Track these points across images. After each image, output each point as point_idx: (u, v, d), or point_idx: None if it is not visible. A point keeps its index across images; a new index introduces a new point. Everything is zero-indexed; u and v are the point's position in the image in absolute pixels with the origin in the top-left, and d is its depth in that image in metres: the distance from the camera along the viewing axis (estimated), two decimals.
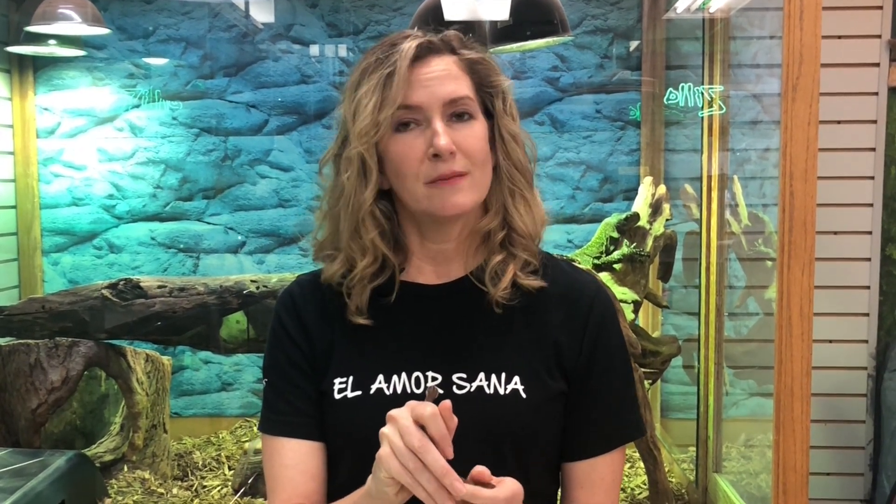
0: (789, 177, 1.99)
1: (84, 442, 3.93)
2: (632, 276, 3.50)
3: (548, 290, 1.33)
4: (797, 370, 2.02)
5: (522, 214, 1.33)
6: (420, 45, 1.27)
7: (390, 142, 1.27)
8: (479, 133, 1.29)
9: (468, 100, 1.28)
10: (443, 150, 1.23)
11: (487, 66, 1.32)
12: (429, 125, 1.25)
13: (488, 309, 1.31)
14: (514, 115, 1.35)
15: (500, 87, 1.33)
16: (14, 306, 3.52)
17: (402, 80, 1.24)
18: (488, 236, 1.33)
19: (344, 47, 4.43)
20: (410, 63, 1.25)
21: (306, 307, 1.35)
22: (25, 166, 4.41)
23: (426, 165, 1.25)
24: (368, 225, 1.29)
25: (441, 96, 1.25)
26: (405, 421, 1.07)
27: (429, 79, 1.26)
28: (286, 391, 1.33)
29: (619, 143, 4.39)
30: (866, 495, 3.36)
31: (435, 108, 1.25)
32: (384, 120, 1.24)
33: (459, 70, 1.29)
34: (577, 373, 1.32)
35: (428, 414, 1.06)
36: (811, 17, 1.95)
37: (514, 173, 1.33)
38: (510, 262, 1.32)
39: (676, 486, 3.76)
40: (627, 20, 4.35)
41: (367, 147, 1.26)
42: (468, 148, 1.26)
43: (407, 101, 1.25)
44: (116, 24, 4.34)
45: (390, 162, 1.28)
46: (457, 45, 1.32)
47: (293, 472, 1.31)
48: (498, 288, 1.30)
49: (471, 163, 1.27)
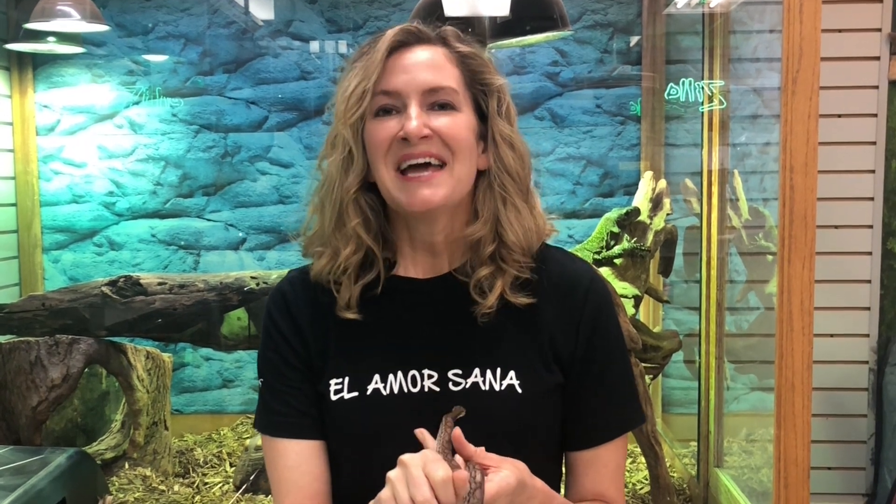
0: (790, 171, 1.99)
1: (85, 439, 3.93)
2: (632, 271, 3.49)
3: (542, 282, 1.31)
4: (798, 364, 2.02)
5: (514, 225, 1.28)
6: (405, 30, 1.26)
7: (370, 125, 1.25)
8: (461, 122, 1.25)
9: (451, 90, 1.25)
10: (411, 133, 1.21)
11: (480, 62, 1.29)
12: (405, 110, 1.23)
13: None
14: (510, 117, 1.31)
15: (494, 85, 1.29)
16: (14, 304, 3.52)
17: (379, 62, 1.22)
18: (478, 244, 1.29)
19: (343, 43, 4.42)
20: (394, 48, 1.24)
21: (298, 306, 1.34)
22: (25, 164, 4.41)
23: (395, 148, 1.23)
24: (351, 212, 1.27)
25: (420, 83, 1.23)
26: (416, 471, 1.03)
27: (410, 65, 1.24)
28: (283, 391, 1.31)
29: (620, 138, 4.38)
30: (868, 490, 3.36)
31: (412, 94, 1.23)
32: (362, 99, 1.23)
33: (447, 61, 1.27)
34: (574, 364, 1.31)
35: (440, 479, 1.02)
36: (811, 10, 1.95)
37: (506, 179, 1.29)
38: (498, 277, 1.28)
39: (678, 481, 3.76)
40: (627, 15, 4.34)
41: (346, 127, 1.24)
42: (447, 133, 1.23)
43: (386, 86, 1.23)
44: (116, 21, 4.34)
45: (368, 146, 1.26)
46: (451, 39, 1.29)
47: (297, 473, 1.30)
48: (485, 303, 1.27)
49: (450, 151, 1.24)
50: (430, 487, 1.01)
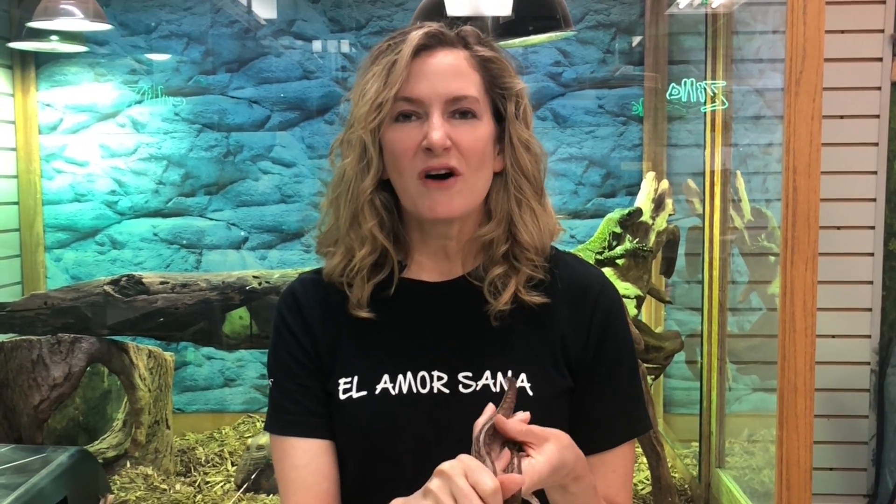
0: (792, 172, 1.99)
1: (86, 438, 3.94)
2: (634, 272, 3.49)
3: (555, 283, 1.31)
4: (800, 365, 2.02)
5: (528, 226, 1.28)
6: (429, 33, 1.24)
7: (389, 130, 1.24)
8: (480, 133, 1.25)
9: (473, 100, 1.24)
10: (435, 144, 1.20)
11: (501, 66, 1.28)
12: (427, 119, 1.22)
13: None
14: (527, 120, 1.30)
15: (514, 89, 1.28)
16: (16, 302, 3.52)
17: (403, 68, 1.21)
18: (491, 244, 1.29)
19: (346, 43, 4.43)
20: (417, 52, 1.22)
21: (309, 305, 1.33)
22: (28, 162, 4.41)
23: (419, 158, 1.22)
24: (367, 214, 1.26)
25: (443, 92, 1.22)
26: (461, 481, 0.97)
27: (433, 72, 1.23)
28: (293, 390, 1.31)
29: (622, 139, 4.38)
30: (869, 490, 3.36)
31: (435, 103, 1.22)
32: (384, 106, 1.21)
33: (469, 67, 1.26)
34: (582, 368, 1.30)
35: (490, 490, 0.96)
36: (814, 11, 1.95)
37: (522, 181, 1.29)
38: (512, 275, 1.28)
39: (679, 482, 3.76)
40: (630, 15, 4.34)
41: (366, 132, 1.23)
42: (465, 146, 1.23)
43: (408, 92, 1.22)
44: (118, 20, 4.34)
45: (388, 152, 1.26)
46: (472, 41, 1.28)
47: (305, 472, 1.28)
48: (498, 302, 1.27)
49: (466, 163, 1.23)
50: (480, 498, 0.97)
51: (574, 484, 1.12)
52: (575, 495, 1.14)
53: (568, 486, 1.12)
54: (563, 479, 1.10)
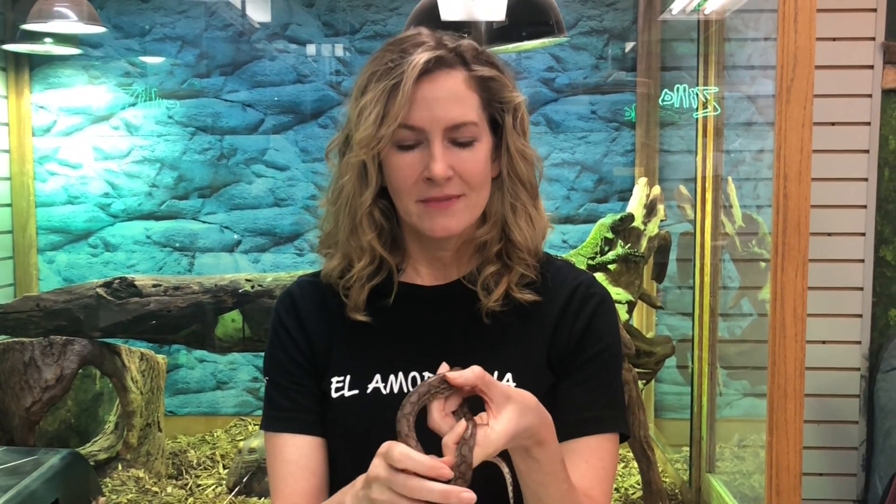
0: (783, 178, 2.00)
1: (78, 440, 3.93)
2: (626, 277, 3.50)
3: (545, 286, 1.33)
4: (790, 371, 2.03)
5: (523, 229, 1.31)
6: (429, 60, 1.23)
7: (390, 154, 1.25)
8: (480, 157, 1.26)
9: (472, 125, 1.25)
10: (438, 177, 1.22)
11: (500, 83, 1.29)
12: (428, 146, 1.23)
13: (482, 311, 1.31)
14: (524, 130, 1.32)
15: (512, 103, 1.30)
16: (9, 304, 3.51)
17: (406, 99, 1.21)
18: (485, 245, 1.32)
19: (340, 47, 4.43)
20: (417, 77, 1.22)
21: (306, 307, 1.36)
22: (21, 164, 4.41)
23: (420, 186, 1.24)
24: (366, 226, 1.29)
25: (443, 121, 1.23)
26: (382, 471, 1.00)
27: (434, 99, 1.23)
28: (288, 388, 1.33)
29: (614, 144, 4.40)
30: (859, 496, 3.37)
31: (436, 132, 1.23)
32: (384, 135, 1.22)
33: (468, 89, 1.26)
34: (562, 358, 1.31)
35: (396, 455, 0.99)
36: (806, 19, 1.96)
37: (518, 188, 1.31)
38: (505, 274, 1.31)
39: (670, 486, 3.77)
40: (623, 21, 4.36)
41: (368, 158, 1.25)
42: (466, 173, 1.24)
43: (409, 120, 1.22)
44: (112, 23, 4.34)
45: (388, 176, 1.27)
46: (470, 59, 1.27)
47: (294, 467, 1.31)
48: (489, 299, 1.29)
49: (468, 187, 1.25)
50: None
51: (537, 449, 1.10)
52: (539, 462, 1.12)
53: (530, 449, 1.10)
54: (524, 442, 1.08)
